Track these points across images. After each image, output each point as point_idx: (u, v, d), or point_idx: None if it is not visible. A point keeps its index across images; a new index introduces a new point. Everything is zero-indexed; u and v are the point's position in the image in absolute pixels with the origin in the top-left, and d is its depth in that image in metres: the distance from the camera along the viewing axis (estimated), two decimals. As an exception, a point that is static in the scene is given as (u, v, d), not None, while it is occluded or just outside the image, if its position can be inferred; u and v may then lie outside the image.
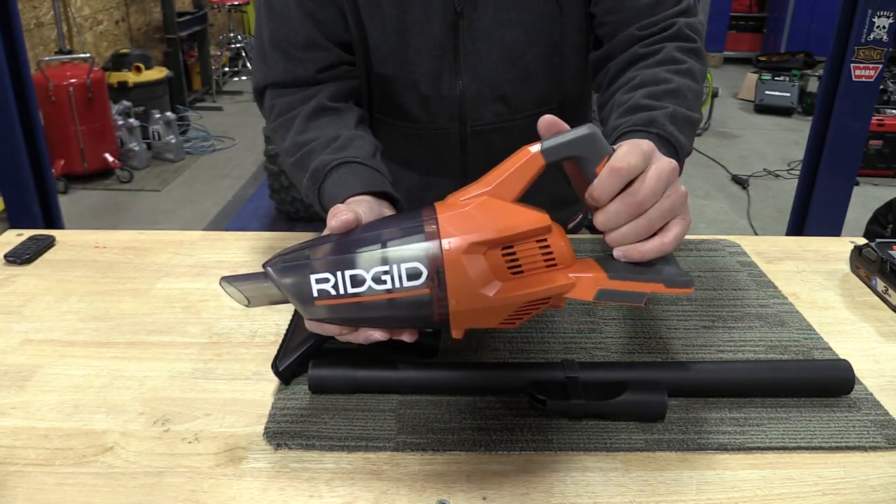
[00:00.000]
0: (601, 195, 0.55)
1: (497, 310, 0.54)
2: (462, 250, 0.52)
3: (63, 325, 0.76)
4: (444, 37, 0.87)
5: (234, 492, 0.55)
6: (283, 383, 0.67)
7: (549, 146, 0.55)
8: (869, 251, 0.85)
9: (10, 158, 2.22)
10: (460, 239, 0.52)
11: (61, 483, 0.56)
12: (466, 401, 0.65)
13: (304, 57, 0.86)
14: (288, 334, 0.72)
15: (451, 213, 0.54)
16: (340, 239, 0.57)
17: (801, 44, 6.22)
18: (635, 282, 0.56)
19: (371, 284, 0.53)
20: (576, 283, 0.55)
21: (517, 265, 0.54)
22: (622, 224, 0.56)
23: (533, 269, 0.54)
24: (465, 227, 0.53)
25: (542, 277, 0.54)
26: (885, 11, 2.21)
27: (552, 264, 0.55)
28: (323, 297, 0.54)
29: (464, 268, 0.52)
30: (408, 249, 0.53)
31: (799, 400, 0.65)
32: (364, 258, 0.54)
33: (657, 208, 0.56)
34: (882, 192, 3.71)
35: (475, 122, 0.93)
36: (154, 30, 5.32)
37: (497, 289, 0.53)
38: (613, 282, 0.56)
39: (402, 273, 0.53)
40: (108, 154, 3.85)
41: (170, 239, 0.96)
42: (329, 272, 0.54)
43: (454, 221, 0.53)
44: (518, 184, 0.55)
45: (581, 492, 0.56)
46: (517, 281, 0.54)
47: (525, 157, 0.55)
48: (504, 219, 0.53)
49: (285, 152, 0.84)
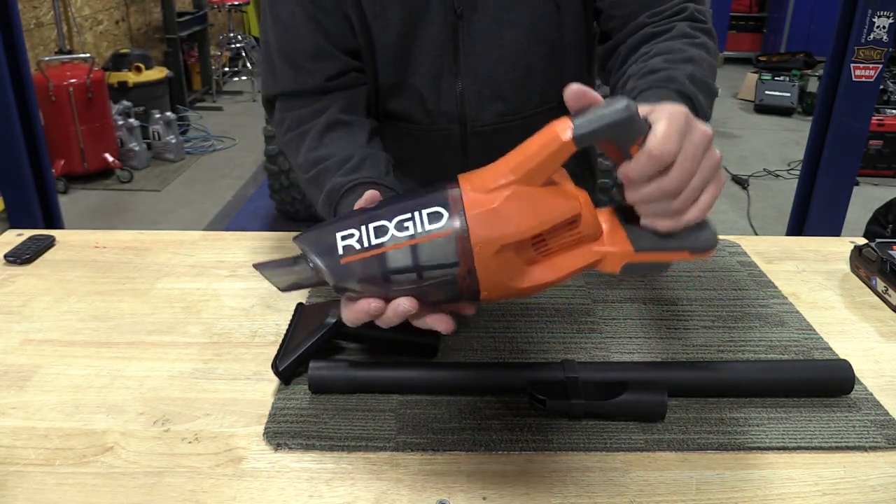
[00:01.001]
0: (637, 177, 0.53)
1: (526, 291, 0.54)
2: (494, 251, 0.51)
3: (63, 325, 0.76)
4: (444, 38, 0.87)
5: (234, 492, 0.55)
6: (283, 383, 0.67)
7: (582, 133, 0.51)
8: (869, 251, 0.85)
9: (10, 158, 2.22)
10: (491, 241, 0.51)
11: (61, 483, 0.56)
12: (466, 401, 0.65)
13: (312, 67, 0.86)
14: (288, 334, 0.72)
15: (480, 210, 0.52)
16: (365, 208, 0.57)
17: (801, 44, 6.22)
18: (661, 252, 0.55)
19: (394, 232, 0.53)
20: (603, 258, 0.54)
21: (548, 250, 0.53)
22: (654, 202, 0.54)
23: (562, 249, 0.54)
24: (497, 228, 0.52)
25: (570, 256, 0.54)
26: (885, 11, 2.21)
27: (581, 242, 0.54)
28: (348, 254, 0.54)
29: (495, 268, 0.52)
30: (436, 247, 0.52)
31: (799, 400, 0.65)
32: (388, 211, 0.54)
33: (691, 188, 0.54)
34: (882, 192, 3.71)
35: (475, 122, 0.93)
36: (154, 30, 5.32)
37: (527, 275, 0.53)
38: (640, 254, 0.55)
39: (423, 218, 0.53)
40: (108, 154, 3.85)
41: (170, 239, 0.96)
42: (354, 227, 0.54)
43: (484, 221, 0.52)
44: (547, 171, 0.53)
45: (581, 492, 0.56)
46: (546, 262, 0.53)
47: (556, 143, 0.51)
48: (535, 213, 0.52)
49: (299, 167, 0.84)
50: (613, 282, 0.84)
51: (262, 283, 0.85)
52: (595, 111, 0.51)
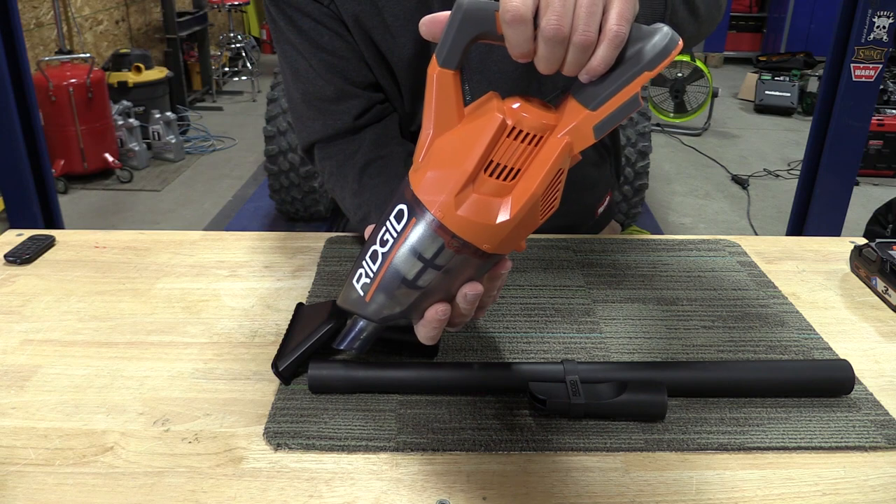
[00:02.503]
0: (518, 50, 0.49)
1: (526, 220, 0.51)
2: (452, 207, 0.50)
3: (63, 325, 0.76)
4: None
5: (234, 492, 0.55)
6: (283, 383, 0.67)
7: (444, 54, 0.49)
8: (869, 251, 0.85)
9: (10, 158, 2.22)
10: (443, 200, 0.50)
11: (61, 483, 0.56)
12: (466, 401, 0.65)
13: (338, 109, 0.88)
14: (288, 334, 0.72)
15: (418, 180, 0.52)
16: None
17: (801, 44, 6.22)
18: (618, 93, 0.49)
19: (379, 248, 0.54)
20: (571, 140, 0.50)
21: (510, 170, 0.50)
22: (562, 57, 0.49)
23: (525, 160, 0.50)
24: (439, 186, 0.50)
25: (539, 160, 0.50)
26: (885, 11, 2.21)
27: (538, 140, 0.50)
28: (366, 290, 0.56)
29: (468, 219, 0.50)
30: (414, 240, 0.53)
31: (799, 400, 0.65)
32: (372, 235, 0.56)
33: (580, 19, 0.48)
34: (882, 192, 3.71)
35: None
36: (154, 30, 5.32)
37: (511, 206, 0.50)
38: (600, 110, 0.50)
39: (391, 222, 0.53)
40: (108, 154, 3.85)
41: (170, 239, 0.96)
42: (359, 268, 0.57)
43: (427, 188, 0.51)
44: (450, 106, 0.51)
45: (581, 492, 0.56)
46: (522, 181, 0.50)
47: (431, 79, 0.50)
48: (460, 150, 0.50)
49: (347, 212, 0.89)
50: (613, 282, 0.84)
51: (262, 282, 0.85)
52: (444, 31, 0.50)
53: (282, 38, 0.89)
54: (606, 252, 0.92)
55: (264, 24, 7.08)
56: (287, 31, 0.87)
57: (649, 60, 0.48)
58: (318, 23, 0.86)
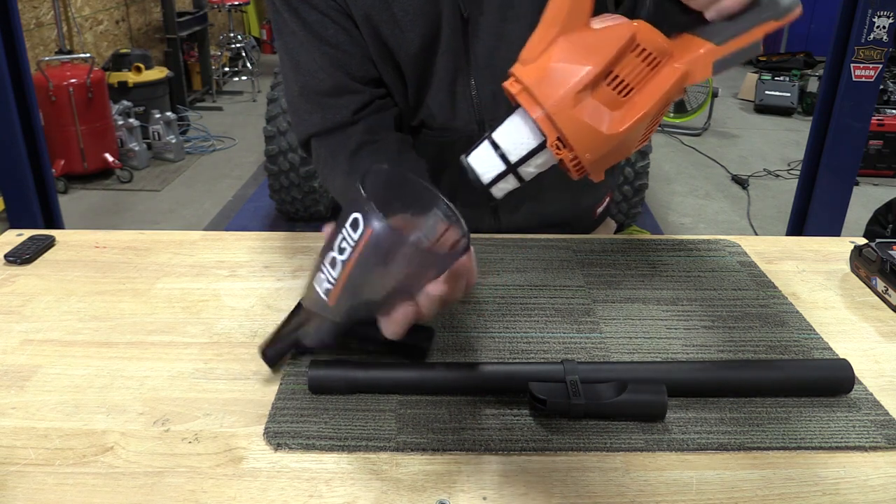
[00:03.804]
0: None
1: (628, 140, 0.51)
2: (570, 104, 0.49)
3: (63, 325, 0.76)
4: (455, 44, 0.88)
5: (234, 492, 0.55)
6: (269, 367, 0.68)
7: None
8: (869, 251, 0.85)
9: (10, 158, 2.22)
10: (562, 95, 0.49)
11: (61, 483, 0.56)
12: (466, 401, 0.65)
13: (337, 103, 0.88)
14: (283, 324, 0.72)
15: (539, 74, 0.50)
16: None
17: (801, 44, 6.22)
18: (745, 33, 0.51)
19: (337, 256, 0.54)
20: (689, 70, 0.51)
21: (626, 86, 0.50)
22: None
23: (642, 80, 0.51)
24: (559, 81, 0.49)
25: (655, 82, 0.51)
26: (885, 11, 2.21)
27: (656, 64, 0.51)
28: (328, 295, 0.56)
29: (581, 120, 0.49)
30: (514, 129, 0.51)
31: (799, 400, 0.65)
32: (326, 249, 0.55)
33: None
34: (882, 192, 3.71)
35: (493, 121, 0.94)
36: (154, 30, 5.32)
37: (620, 118, 0.50)
38: (724, 46, 0.51)
39: (348, 231, 0.53)
40: (108, 154, 3.85)
41: (170, 239, 0.96)
42: (317, 272, 0.57)
43: (544, 82, 0.50)
44: (583, 8, 0.51)
45: (581, 492, 0.55)
46: (634, 100, 0.50)
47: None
48: (591, 50, 0.49)
49: (339, 196, 0.88)
50: (613, 282, 0.84)
51: (262, 282, 0.85)
52: None
53: (285, 31, 0.89)
54: (606, 252, 0.92)
55: (264, 24, 7.08)
56: (291, 22, 0.87)
57: (781, 10, 0.50)
58: (325, 15, 0.86)
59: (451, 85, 0.91)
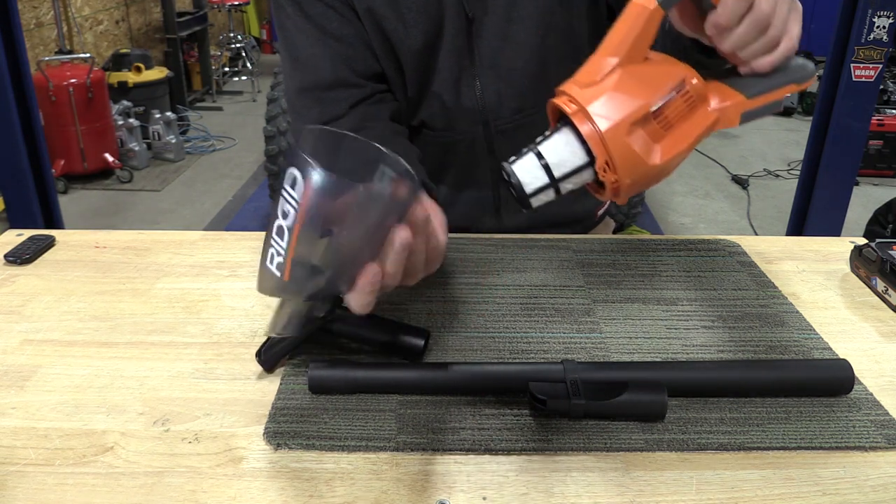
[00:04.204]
0: (730, 21, 0.55)
1: (661, 169, 0.55)
2: (624, 131, 0.53)
3: (63, 325, 0.76)
4: (460, 43, 0.88)
5: (234, 492, 0.55)
6: (266, 370, 0.68)
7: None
8: (869, 251, 0.85)
9: (10, 158, 2.22)
10: (618, 121, 0.52)
11: (61, 483, 0.56)
12: (466, 401, 0.65)
13: (335, 96, 0.88)
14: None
15: (598, 99, 0.53)
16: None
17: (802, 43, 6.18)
18: (772, 92, 0.57)
19: (283, 223, 0.52)
20: (720, 117, 0.56)
21: (668, 122, 0.55)
22: (750, 42, 0.56)
23: (680, 118, 0.55)
24: (618, 108, 0.53)
25: (691, 122, 0.55)
26: (885, 11, 2.21)
27: (694, 106, 0.55)
28: (282, 270, 0.52)
29: (630, 148, 0.53)
30: (563, 145, 0.54)
31: (799, 400, 0.65)
32: (272, 221, 0.53)
33: (778, 16, 0.56)
34: (882, 192, 3.71)
35: (498, 122, 0.94)
36: (154, 30, 5.32)
37: (660, 152, 0.54)
38: (753, 100, 0.57)
39: (287, 191, 0.51)
40: (108, 154, 3.85)
41: (170, 239, 0.96)
42: (267, 249, 0.53)
43: (603, 106, 0.53)
44: (644, 45, 0.55)
45: (581, 492, 0.56)
46: (673, 136, 0.55)
47: (644, 14, 0.54)
48: (649, 85, 0.54)
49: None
50: (613, 282, 0.84)
51: (262, 283, 0.85)
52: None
53: (287, 24, 0.88)
54: (606, 252, 0.92)
55: (264, 24, 7.08)
56: (294, 16, 0.86)
57: (802, 76, 0.58)
58: (329, 7, 0.85)
59: (455, 84, 0.91)
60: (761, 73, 0.57)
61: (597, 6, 0.92)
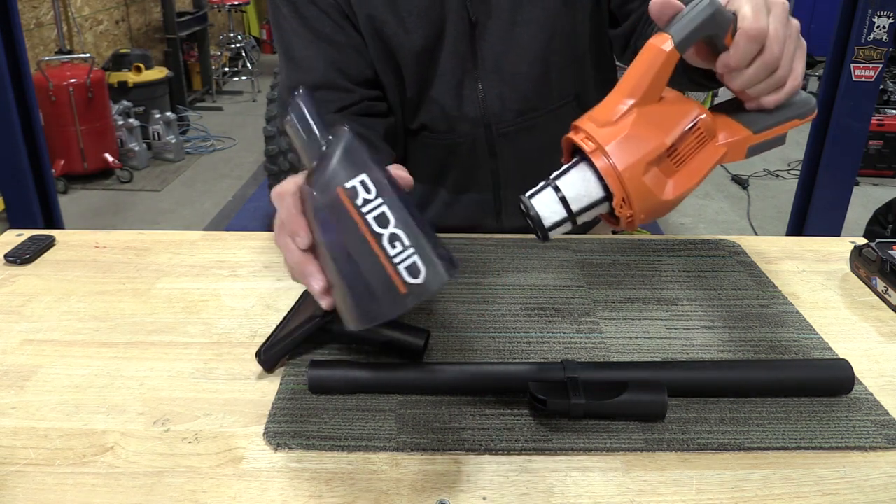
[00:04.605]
0: (739, 63, 0.57)
1: (673, 202, 0.57)
2: (640, 171, 0.55)
3: (63, 325, 0.76)
4: (462, 47, 0.88)
5: (234, 492, 0.55)
6: (266, 370, 0.68)
7: (681, 38, 0.55)
8: (869, 251, 0.85)
9: (10, 158, 2.22)
10: (634, 161, 0.55)
11: (61, 483, 0.56)
12: (466, 401, 0.65)
13: (326, 97, 0.88)
14: (282, 323, 0.72)
15: (615, 139, 0.55)
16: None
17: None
18: (777, 127, 0.60)
19: (383, 231, 0.50)
20: (728, 151, 0.59)
21: (681, 158, 0.57)
22: (758, 82, 0.58)
23: (691, 154, 0.57)
24: (634, 149, 0.55)
25: (700, 158, 0.58)
26: (885, 11, 2.21)
27: (703, 141, 0.58)
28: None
29: (647, 186, 0.55)
30: (580, 181, 0.56)
31: (799, 400, 0.65)
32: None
33: (786, 57, 0.58)
34: (882, 192, 3.71)
35: (499, 125, 0.94)
36: (154, 30, 5.32)
37: (673, 187, 0.56)
38: (759, 135, 0.60)
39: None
40: (108, 154, 3.85)
41: (170, 239, 0.96)
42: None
43: (623, 147, 0.55)
44: (660, 86, 0.57)
45: (581, 492, 0.55)
46: (684, 171, 0.57)
47: (661, 56, 0.55)
48: (665, 126, 0.56)
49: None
50: (613, 282, 0.84)
51: (262, 282, 0.85)
52: (684, 17, 0.55)
53: (283, 25, 0.88)
54: (606, 252, 0.92)
55: (264, 24, 7.08)
56: (290, 17, 0.87)
57: (805, 111, 0.61)
58: (323, 12, 0.86)
59: (457, 87, 0.91)
60: (767, 109, 0.60)
61: (599, 9, 0.92)
